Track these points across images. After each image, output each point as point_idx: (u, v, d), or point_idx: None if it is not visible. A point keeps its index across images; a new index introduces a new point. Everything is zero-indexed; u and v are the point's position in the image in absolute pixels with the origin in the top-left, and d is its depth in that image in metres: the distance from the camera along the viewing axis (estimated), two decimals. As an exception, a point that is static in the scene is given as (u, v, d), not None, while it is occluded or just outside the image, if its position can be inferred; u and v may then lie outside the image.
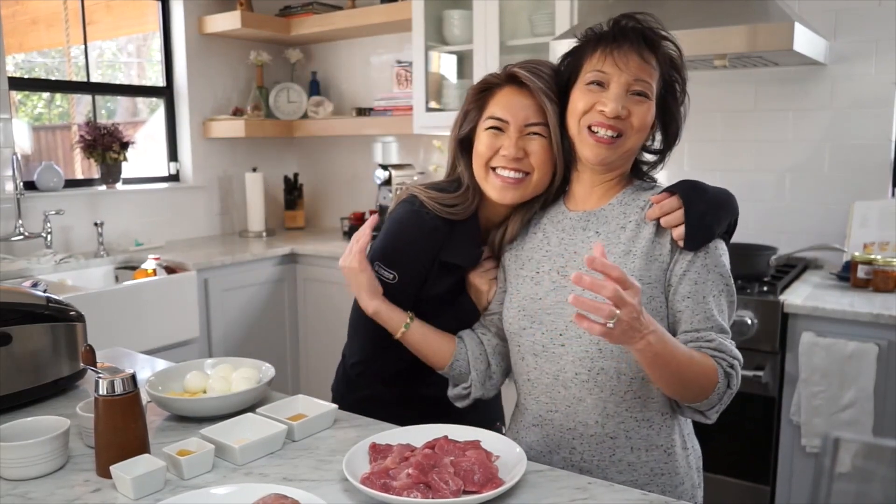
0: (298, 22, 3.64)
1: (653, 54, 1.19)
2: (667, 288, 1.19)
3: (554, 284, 1.24)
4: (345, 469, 1.03)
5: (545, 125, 1.29)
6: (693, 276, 1.17)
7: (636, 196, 1.26)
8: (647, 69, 1.18)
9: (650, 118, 1.21)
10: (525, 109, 1.30)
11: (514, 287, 1.30)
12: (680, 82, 1.24)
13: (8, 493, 1.04)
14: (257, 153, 3.95)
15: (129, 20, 3.58)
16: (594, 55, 1.20)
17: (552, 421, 1.24)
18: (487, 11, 2.93)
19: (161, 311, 2.81)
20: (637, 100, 1.18)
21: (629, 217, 1.23)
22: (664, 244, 1.19)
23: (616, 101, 1.17)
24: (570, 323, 1.19)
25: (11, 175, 2.93)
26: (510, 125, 1.30)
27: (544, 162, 1.30)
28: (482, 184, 1.35)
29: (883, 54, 2.53)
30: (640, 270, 1.17)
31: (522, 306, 1.27)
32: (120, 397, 1.07)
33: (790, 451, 2.21)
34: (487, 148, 1.31)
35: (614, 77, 1.18)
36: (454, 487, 0.99)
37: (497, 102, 1.33)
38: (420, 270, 1.36)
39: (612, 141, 1.19)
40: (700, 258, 1.18)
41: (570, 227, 1.28)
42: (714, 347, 1.14)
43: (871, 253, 2.43)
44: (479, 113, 1.36)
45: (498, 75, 1.35)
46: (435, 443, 1.10)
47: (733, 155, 2.85)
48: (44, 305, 1.40)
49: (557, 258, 1.26)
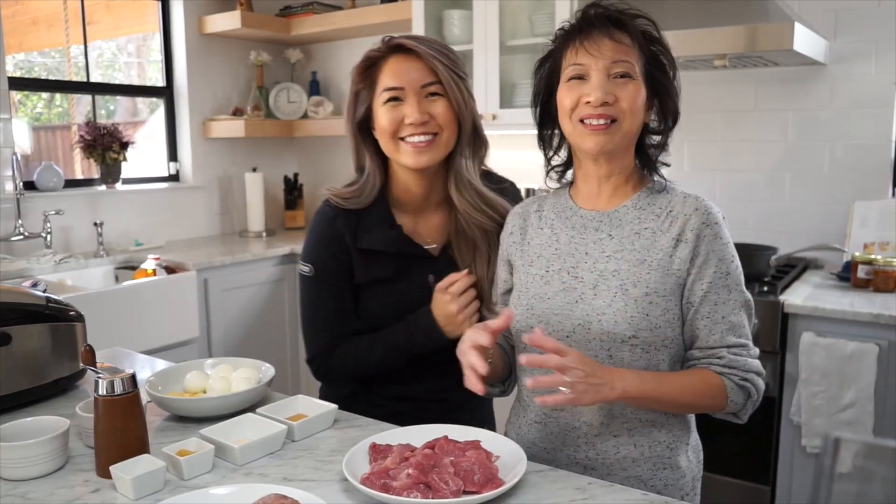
0: (298, 22, 3.65)
1: (625, 33, 1.17)
2: (686, 304, 1.18)
3: (564, 285, 1.23)
4: (345, 469, 1.03)
5: (440, 83, 1.33)
6: (714, 298, 1.16)
7: (652, 200, 1.23)
8: (623, 48, 1.16)
9: (641, 98, 1.18)
10: (417, 72, 1.33)
11: (524, 284, 1.28)
12: (664, 53, 1.21)
13: (8, 494, 1.04)
14: (257, 153, 3.95)
15: (129, 20, 3.58)
16: (568, 51, 1.20)
17: (557, 419, 1.23)
18: (487, 11, 2.93)
19: (161, 311, 2.81)
20: (621, 82, 1.16)
21: (644, 223, 1.21)
22: (682, 258, 1.17)
23: (599, 89, 1.15)
24: (579, 326, 1.19)
25: (11, 175, 2.93)
26: (406, 90, 1.33)
27: (451, 120, 1.35)
28: (394, 156, 1.37)
29: (883, 54, 2.53)
30: (656, 283, 1.16)
31: (531, 305, 1.25)
32: (120, 397, 1.07)
33: (790, 451, 2.21)
34: (390, 122, 1.34)
35: (592, 65, 1.16)
36: (454, 487, 0.99)
37: (387, 73, 1.35)
38: (333, 261, 1.41)
39: (606, 127, 1.16)
40: (721, 278, 1.17)
41: (581, 225, 1.25)
42: (724, 364, 1.15)
43: (872, 253, 2.43)
44: (371, 90, 1.38)
45: (380, 49, 1.37)
46: (435, 443, 1.10)
47: (733, 155, 2.85)
48: (43, 305, 1.40)
49: (568, 258, 1.24)
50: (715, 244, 1.17)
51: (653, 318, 1.15)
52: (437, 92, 1.35)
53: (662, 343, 1.17)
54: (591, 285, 1.20)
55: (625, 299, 1.16)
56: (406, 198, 1.43)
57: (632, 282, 1.17)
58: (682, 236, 1.18)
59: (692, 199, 1.22)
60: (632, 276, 1.17)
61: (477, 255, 1.44)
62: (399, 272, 1.42)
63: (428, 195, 1.44)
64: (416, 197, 1.43)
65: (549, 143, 1.30)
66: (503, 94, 2.99)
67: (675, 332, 1.18)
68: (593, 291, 1.19)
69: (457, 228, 1.44)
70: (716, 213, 1.20)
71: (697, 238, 1.17)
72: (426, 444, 1.11)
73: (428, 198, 1.44)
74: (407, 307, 1.41)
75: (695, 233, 1.17)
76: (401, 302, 1.42)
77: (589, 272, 1.21)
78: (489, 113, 2.97)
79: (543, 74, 1.26)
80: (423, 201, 1.44)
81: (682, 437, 1.23)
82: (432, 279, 1.42)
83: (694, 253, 1.17)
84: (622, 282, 1.17)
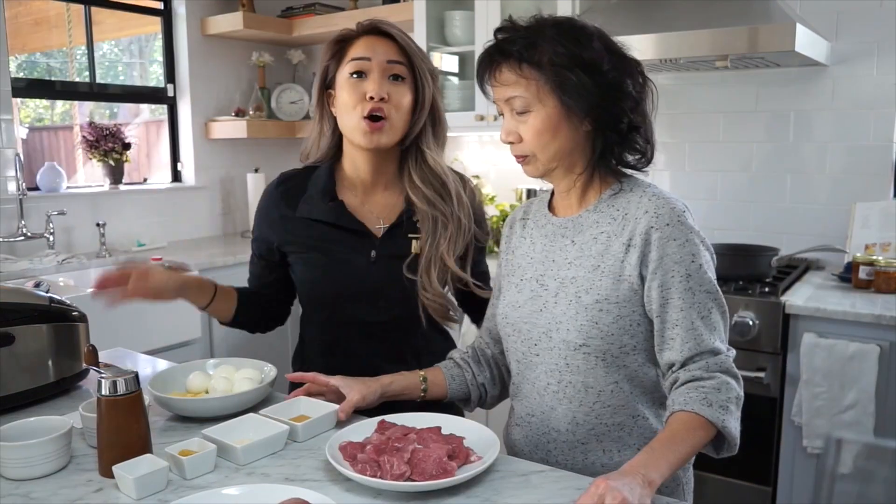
0: (300, 23, 3.65)
1: (505, 69, 1.15)
2: (648, 312, 1.14)
3: (532, 293, 1.22)
4: (339, 436, 1.12)
5: (404, 65, 1.37)
6: (678, 303, 1.10)
7: (611, 202, 1.18)
8: (511, 82, 1.15)
9: (548, 125, 1.13)
10: (386, 49, 1.37)
11: (504, 292, 1.30)
12: (562, 60, 1.10)
13: (10, 493, 1.04)
14: (259, 154, 3.95)
15: (132, 21, 3.58)
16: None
17: (530, 424, 1.24)
18: (489, 12, 2.94)
19: (163, 311, 2.80)
20: (522, 119, 1.16)
21: (601, 227, 1.18)
22: (632, 264, 1.12)
23: (504, 133, 1.18)
24: (543, 334, 1.19)
25: (14, 176, 2.93)
26: (372, 62, 1.36)
27: (407, 106, 1.38)
28: (349, 133, 1.40)
29: (884, 55, 2.53)
30: (608, 290, 1.13)
31: (505, 313, 1.27)
32: (122, 397, 1.07)
33: (792, 451, 2.21)
34: (350, 94, 1.36)
35: (500, 106, 1.20)
36: (397, 472, 1.02)
37: (356, 47, 1.39)
38: (258, 229, 1.51)
39: (525, 159, 1.18)
40: (680, 282, 1.10)
41: (551, 233, 1.24)
42: (705, 403, 1.07)
43: (873, 254, 2.43)
44: (339, 64, 1.41)
45: (354, 29, 1.41)
46: (419, 431, 1.13)
47: (735, 156, 2.85)
48: (46, 306, 1.40)
49: (538, 265, 1.24)
50: (668, 247, 1.10)
51: (603, 326, 1.13)
52: (401, 75, 1.38)
53: (620, 351, 1.14)
54: (553, 293, 1.19)
55: (577, 307, 1.15)
56: (355, 176, 1.46)
57: (585, 289, 1.15)
58: (631, 241, 1.13)
59: (647, 198, 1.14)
60: (586, 282, 1.15)
61: (428, 235, 1.43)
62: (336, 244, 1.43)
63: (377, 175, 1.45)
64: (365, 175, 1.45)
65: None
66: (505, 94, 2.99)
67: (635, 340, 1.15)
68: (555, 299, 1.19)
69: (408, 212, 1.44)
70: (669, 212, 1.12)
71: (645, 242, 1.11)
72: (408, 429, 1.14)
73: (377, 178, 1.46)
74: (342, 280, 1.42)
75: (643, 237, 1.12)
76: (335, 273, 1.43)
77: (553, 280, 1.20)
78: (490, 114, 2.97)
79: None
80: (371, 181, 1.46)
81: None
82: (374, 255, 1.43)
83: (644, 258, 1.12)
84: (577, 289, 1.16)
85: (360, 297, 1.42)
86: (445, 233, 1.42)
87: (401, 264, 1.41)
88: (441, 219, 1.42)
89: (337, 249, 1.42)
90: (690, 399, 1.08)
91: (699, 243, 1.13)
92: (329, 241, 1.43)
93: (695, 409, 1.07)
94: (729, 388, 1.09)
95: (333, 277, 1.43)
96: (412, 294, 1.41)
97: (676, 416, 1.08)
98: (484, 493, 1.02)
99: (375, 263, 1.42)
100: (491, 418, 2.66)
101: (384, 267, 1.41)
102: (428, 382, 1.33)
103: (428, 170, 1.44)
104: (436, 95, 1.43)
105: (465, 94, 3.15)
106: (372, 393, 1.27)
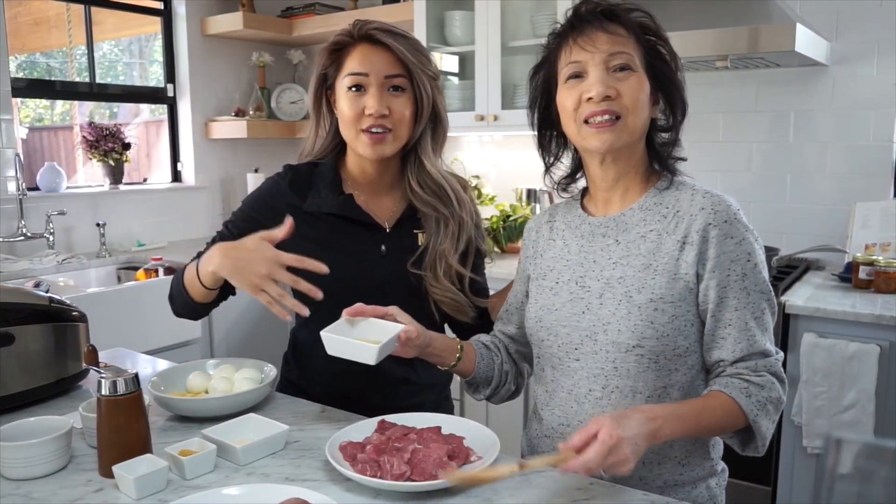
0: (300, 23, 3.65)
1: (619, 25, 1.12)
2: (701, 311, 1.12)
3: (571, 295, 1.18)
4: (339, 436, 1.12)
5: (404, 77, 1.35)
6: (733, 303, 1.09)
7: (659, 200, 1.17)
8: (620, 40, 1.11)
9: (644, 92, 1.12)
10: (384, 62, 1.35)
11: (534, 296, 1.26)
12: (663, 44, 1.16)
13: (10, 493, 1.04)
14: (259, 154, 3.95)
15: (131, 21, 3.58)
16: (562, 52, 1.15)
17: (564, 436, 1.18)
18: (489, 12, 2.94)
19: (163, 311, 2.78)
20: (622, 76, 1.11)
21: (650, 225, 1.15)
22: (688, 262, 1.10)
23: (599, 83, 1.10)
24: (586, 337, 1.15)
25: (14, 176, 2.93)
26: (370, 78, 1.34)
27: (409, 117, 1.37)
28: (352, 144, 1.40)
29: (884, 55, 2.53)
30: (663, 289, 1.10)
31: (539, 316, 1.22)
32: (122, 397, 1.07)
33: (792, 451, 2.21)
34: (350, 109, 1.35)
35: (588, 61, 1.11)
36: (397, 472, 1.02)
37: (354, 57, 1.37)
38: (273, 215, 1.36)
39: (611, 124, 1.11)
40: (736, 281, 1.09)
41: (589, 233, 1.21)
42: (745, 393, 1.08)
43: (873, 254, 2.43)
44: (337, 72, 1.40)
45: (350, 34, 1.38)
46: (419, 431, 1.13)
47: (734, 156, 2.85)
48: (46, 306, 1.40)
49: (577, 267, 1.20)
50: (726, 245, 1.09)
51: (658, 326, 1.10)
52: (401, 86, 1.37)
53: (674, 353, 1.11)
54: (597, 294, 1.16)
55: (629, 307, 1.11)
56: (360, 175, 1.46)
57: (636, 288, 1.11)
58: (687, 238, 1.11)
59: (700, 195, 1.13)
60: (637, 282, 1.12)
61: (431, 234, 1.44)
62: (346, 237, 1.42)
63: (381, 178, 1.46)
64: (371, 176, 1.45)
65: (548, 149, 1.27)
66: (505, 95, 2.99)
67: (688, 341, 1.12)
68: (599, 301, 1.15)
69: (411, 210, 1.45)
70: (726, 209, 1.11)
71: (703, 240, 1.10)
72: (408, 429, 1.14)
73: (381, 180, 1.46)
74: (353, 274, 1.40)
75: (700, 234, 1.10)
76: (346, 266, 1.39)
77: (596, 281, 1.17)
78: (490, 114, 2.97)
79: (539, 81, 1.22)
80: (376, 182, 1.46)
81: (698, 452, 1.17)
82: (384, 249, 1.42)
83: (701, 256, 1.10)
84: (627, 288, 1.12)
85: (370, 291, 1.39)
86: (447, 231, 1.43)
87: (409, 259, 1.42)
88: (443, 220, 1.43)
89: (347, 242, 1.42)
90: (732, 385, 1.09)
91: (754, 242, 1.13)
92: (339, 234, 1.42)
93: (732, 395, 1.08)
94: (772, 388, 1.10)
95: (344, 271, 1.40)
96: (419, 290, 1.41)
97: (714, 393, 1.09)
98: (484, 493, 1.02)
99: (386, 257, 1.42)
100: (491, 418, 2.66)
101: (395, 261, 1.42)
102: (463, 353, 1.28)
103: (426, 176, 1.44)
104: (436, 97, 1.42)
105: (465, 94, 3.15)
106: (423, 334, 1.21)
